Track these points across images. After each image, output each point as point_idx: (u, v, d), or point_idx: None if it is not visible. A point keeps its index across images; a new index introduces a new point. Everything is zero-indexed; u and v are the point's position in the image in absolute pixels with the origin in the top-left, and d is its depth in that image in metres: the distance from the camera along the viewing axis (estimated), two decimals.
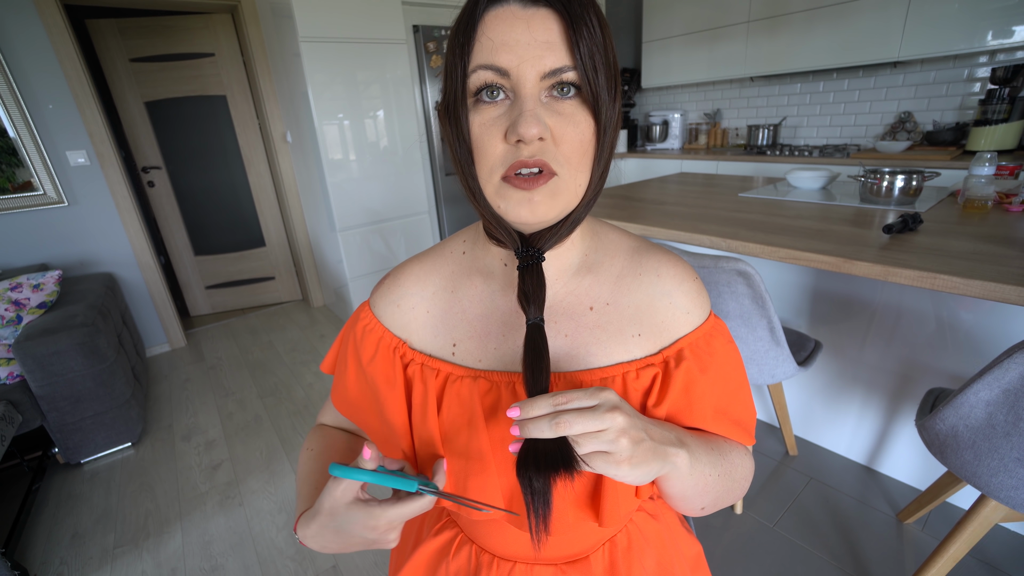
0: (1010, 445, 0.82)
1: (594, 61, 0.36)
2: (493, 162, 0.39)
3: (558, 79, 0.37)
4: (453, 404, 0.48)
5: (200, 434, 2.04)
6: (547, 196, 0.39)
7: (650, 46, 3.69)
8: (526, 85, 0.36)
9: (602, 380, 0.47)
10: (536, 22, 0.36)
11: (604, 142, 0.40)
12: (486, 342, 0.49)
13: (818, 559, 1.29)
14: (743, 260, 1.09)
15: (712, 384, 0.48)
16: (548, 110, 0.37)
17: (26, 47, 2.15)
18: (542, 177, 0.38)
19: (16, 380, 1.71)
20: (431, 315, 0.51)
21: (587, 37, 0.36)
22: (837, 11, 2.68)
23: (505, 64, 0.36)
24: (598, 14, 0.37)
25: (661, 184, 2.29)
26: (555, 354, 0.48)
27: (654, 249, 0.52)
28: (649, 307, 0.49)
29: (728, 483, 0.49)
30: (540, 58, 0.36)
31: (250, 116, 3.07)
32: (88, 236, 2.46)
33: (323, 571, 1.37)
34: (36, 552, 1.50)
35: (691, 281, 0.50)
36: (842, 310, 1.48)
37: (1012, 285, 0.86)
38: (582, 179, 0.40)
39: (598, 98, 0.37)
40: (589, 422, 0.35)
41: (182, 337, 2.92)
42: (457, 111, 0.39)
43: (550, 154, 0.38)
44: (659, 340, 0.48)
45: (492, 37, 0.36)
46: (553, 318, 0.49)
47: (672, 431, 0.43)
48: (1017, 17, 2.18)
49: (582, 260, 0.50)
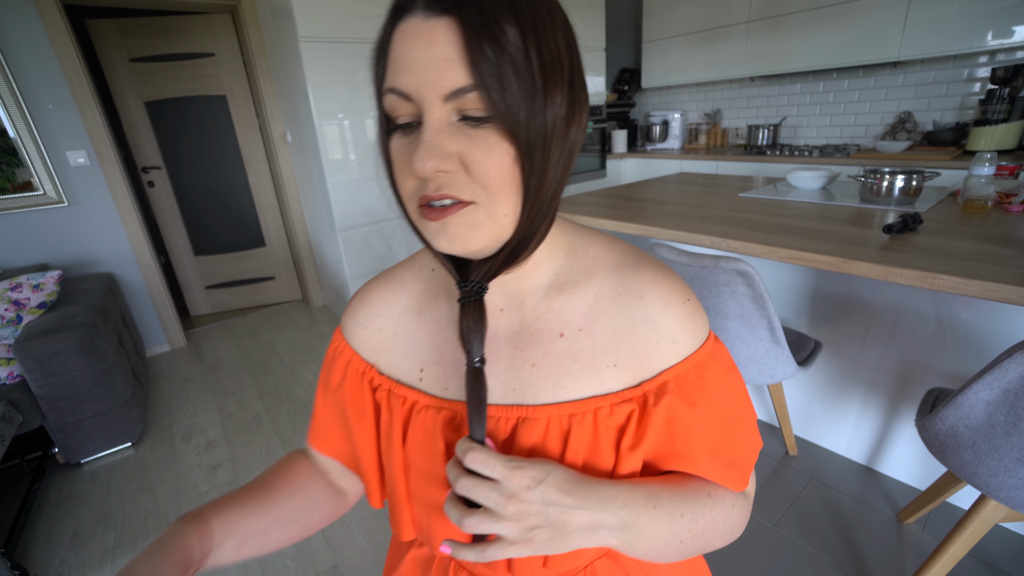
0: (1010, 445, 0.82)
1: (501, 76, 0.31)
2: (408, 193, 0.36)
3: (462, 101, 0.32)
4: (418, 435, 0.45)
5: (200, 434, 2.04)
6: (464, 227, 0.35)
7: (650, 46, 3.70)
8: (430, 110, 0.32)
9: (570, 416, 0.42)
10: (437, 36, 0.31)
11: (533, 165, 0.34)
12: (452, 368, 0.45)
13: (818, 559, 1.29)
14: (743, 260, 1.09)
15: (703, 422, 0.42)
16: (460, 134, 0.33)
17: (26, 47, 2.15)
18: (454, 208, 0.34)
19: (16, 380, 1.71)
20: (398, 337, 0.48)
21: (492, 48, 0.30)
22: (837, 11, 2.68)
23: (405, 87, 0.33)
24: (519, 17, 0.31)
25: (661, 184, 2.29)
26: (520, 385, 0.44)
27: (641, 265, 0.45)
28: (628, 334, 0.43)
29: (702, 542, 0.43)
30: (439, 78, 0.31)
31: (250, 116, 3.07)
32: (88, 236, 2.46)
33: (323, 571, 1.37)
34: (36, 552, 1.50)
35: (680, 304, 0.43)
36: (842, 310, 1.48)
37: (1012, 285, 0.86)
38: (506, 208, 0.35)
39: (511, 118, 0.32)
40: (483, 495, 0.35)
41: (182, 337, 2.92)
42: (382, 134, 0.37)
43: (459, 185, 0.34)
44: (639, 372, 0.43)
45: (396, 56, 0.33)
46: (519, 345, 0.44)
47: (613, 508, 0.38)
48: (1017, 17, 2.19)
49: (553, 280, 0.44)
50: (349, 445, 0.52)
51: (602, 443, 0.42)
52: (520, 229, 0.36)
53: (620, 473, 0.43)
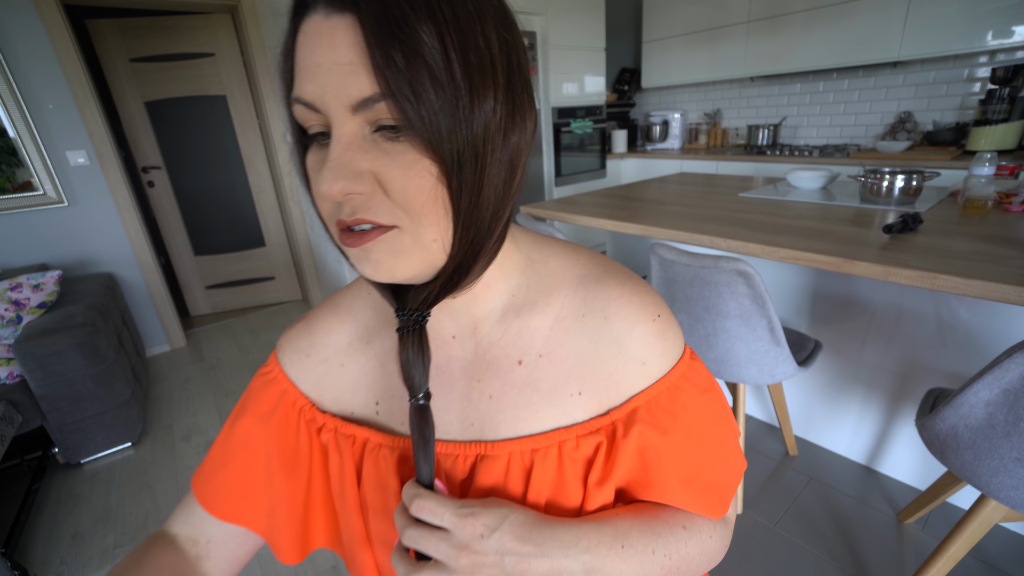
0: (1010, 445, 0.82)
1: (413, 83, 0.26)
2: (325, 214, 0.32)
3: (372, 111, 0.27)
4: (371, 475, 0.41)
5: (200, 434, 2.04)
6: (388, 254, 0.31)
7: (650, 46, 3.70)
8: (338, 123, 0.28)
9: (532, 451, 0.39)
10: (338, 37, 0.27)
11: (462, 183, 0.29)
12: (406, 402, 0.41)
13: (818, 559, 1.29)
14: (743, 260, 1.09)
15: (677, 448, 0.39)
16: (375, 149, 0.29)
17: (26, 47, 2.15)
18: (373, 233, 0.30)
19: (16, 380, 1.71)
20: (346, 369, 0.43)
21: (401, 51, 0.26)
22: (837, 11, 2.68)
23: (309, 96, 0.28)
24: (435, 12, 0.26)
25: (661, 184, 2.29)
26: (478, 420, 0.40)
27: (606, 279, 0.40)
28: (593, 357, 0.39)
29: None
30: (342, 86, 0.27)
31: (250, 116, 3.07)
32: (88, 236, 2.46)
33: (323, 571, 1.37)
34: (36, 552, 1.50)
35: (648, 322, 0.39)
36: (842, 310, 1.48)
37: (1012, 285, 0.86)
38: (434, 233, 0.30)
39: (430, 131, 0.27)
40: (432, 547, 0.33)
41: (182, 337, 2.92)
42: (297, 148, 0.33)
43: (377, 207, 0.29)
44: (606, 399, 0.39)
45: (299, 60, 0.29)
46: (475, 375, 0.40)
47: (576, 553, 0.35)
48: (1017, 17, 2.19)
49: (508, 302, 0.40)
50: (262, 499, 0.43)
51: (568, 479, 0.39)
52: (455, 255, 0.32)
53: (589, 509, 0.40)
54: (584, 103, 3.53)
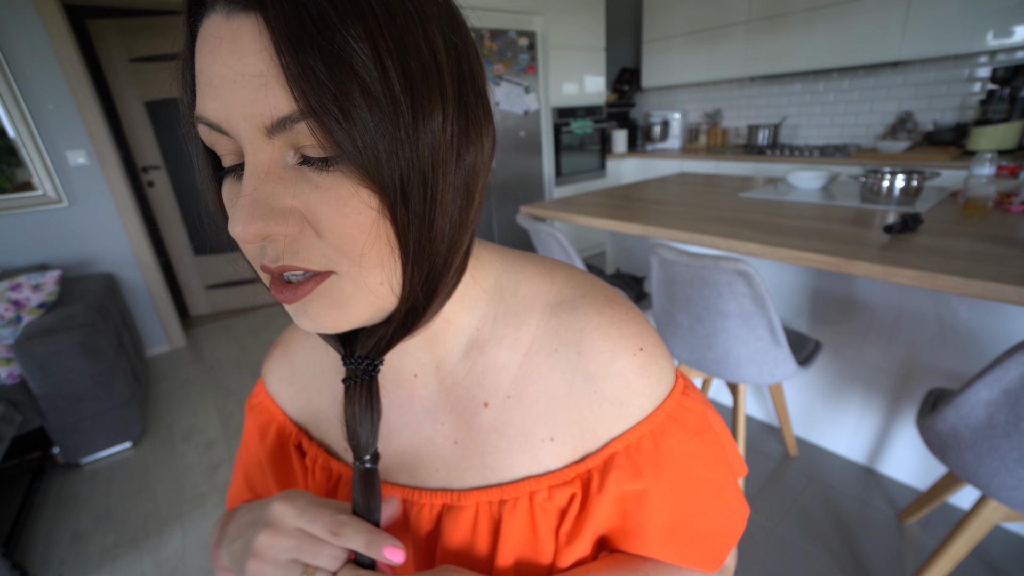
0: (1010, 445, 0.82)
1: (341, 98, 0.21)
2: (249, 256, 0.28)
3: (292, 134, 0.23)
4: None
5: (200, 434, 2.04)
6: (328, 307, 0.26)
7: (650, 46, 3.70)
8: (252, 149, 0.23)
9: (501, 503, 0.35)
10: (243, 42, 0.22)
11: (409, 214, 0.24)
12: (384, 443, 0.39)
13: (819, 559, 1.29)
14: (743, 260, 1.09)
15: (662, 497, 0.34)
16: (302, 180, 0.24)
17: (26, 47, 2.14)
18: (308, 284, 0.25)
19: (16, 380, 1.71)
20: (323, 397, 0.41)
21: (323, 58, 0.21)
22: (837, 11, 2.68)
23: (213, 116, 0.23)
24: (365, 10, 0.22)
25: (661, 184, 2.29)
26: (444, 466, 0.37)
27: (582, 306, 0.35)
28: (566, 397, 0.34)
29: None
30: (251, 103, 0.22)
31: None
32: (88, 236, 2.46)
33: None
34: (36, 552, 1.50)
35: (627, 358, 0.33)
36: (842, 310, 1.48)
37: (1012, 285, 0.86)
38: (380, 276, 0.26)
39: (365, 156, 0.22)
40: None
41: (182, 337, 2.92)
42: (206, 176, 0.28)
43: (307, 251, 0.25)
44: (581, 444, 0.35)
45: (199, 71, 0.24)
46: (438, 418, 0.37)
47: None
48: (1017, 17, 2.19)
49: (473, 337, 0.35)
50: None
51: (541, 533, 0.35)
52: (407, 296, 0.27)
53: (561, 566, 0.36)
54: (584, 103, 3.53)
